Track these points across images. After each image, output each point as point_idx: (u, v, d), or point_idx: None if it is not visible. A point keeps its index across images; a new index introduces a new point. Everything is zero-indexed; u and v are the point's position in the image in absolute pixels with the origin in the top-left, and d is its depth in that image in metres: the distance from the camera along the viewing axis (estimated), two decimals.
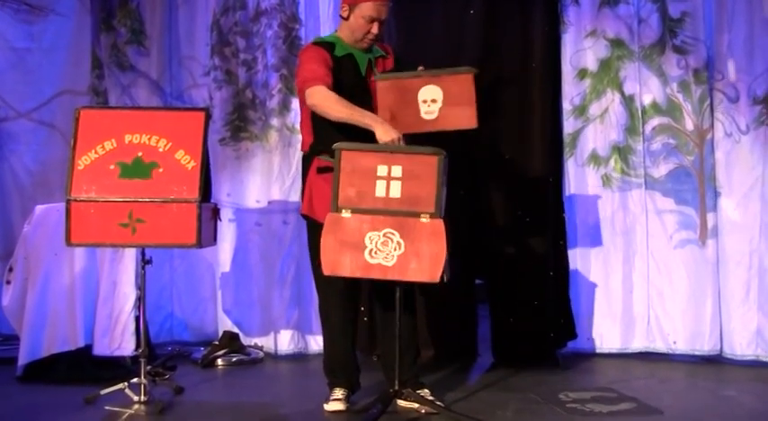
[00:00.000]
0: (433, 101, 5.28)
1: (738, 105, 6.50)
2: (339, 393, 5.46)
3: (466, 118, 5.30)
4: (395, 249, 4.88)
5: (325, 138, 5.20)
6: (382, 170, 4.94)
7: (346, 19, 5.39)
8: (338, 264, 4.94)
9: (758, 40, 6.47)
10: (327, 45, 5.41)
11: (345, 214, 4.93)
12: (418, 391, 5.38)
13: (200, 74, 7.19)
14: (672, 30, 6.61)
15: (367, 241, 4.90)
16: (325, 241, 4.95)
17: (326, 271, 4.99)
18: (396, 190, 4.93)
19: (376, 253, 4.89)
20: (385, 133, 5.05)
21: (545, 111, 6.67)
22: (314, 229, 5.29)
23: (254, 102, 7.01)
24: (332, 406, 5.41)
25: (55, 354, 6.05)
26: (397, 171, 4.94)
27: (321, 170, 5.30)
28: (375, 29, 5.32)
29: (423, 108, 5.28)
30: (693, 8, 6.58)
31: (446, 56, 6.43)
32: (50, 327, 6.02)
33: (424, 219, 4.88)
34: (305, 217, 5.47)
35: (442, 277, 4.90)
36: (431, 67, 5.45)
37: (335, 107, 5.15)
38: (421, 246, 4.86)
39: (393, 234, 4.88)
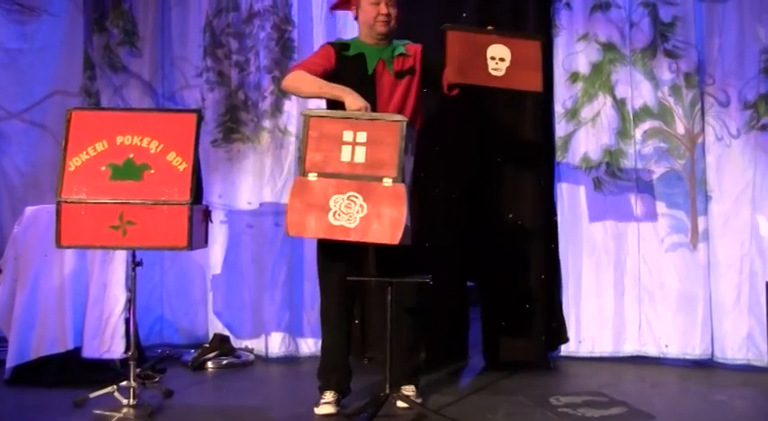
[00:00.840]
0: (501, 59, 5.43)
1: (729, 109, 6.52)
2: (329, 396, 5.47)
3: (532, 81, 5.51)
4: (357, 212, 5.00)
5: None
6: (348, 136, 5.08)
7: (357, 17, 5.56)
8: (303, 225, 5.07)
9: (748, 45, 6.49)
10: (340, 45, 5.57)
11: (312, 178, 5.07)
12: (403, 389, 5.46)
13: (193, 75, 7.19)
14: (663, 34, 6.62)
15: (331, 204, 5.03)
16: (292, 203, 5.09)
17: (291, 231, 5.13)
18: (360, 155, 5.07)
19: (339, 215, 5.02)
20: (353, 101, 5.18)
21: (537, 114, 6.67)
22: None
23: (247, 103, 7.00)
24: (322, 409, 5.43)
25: (44, 357, 6.03)
26: (361, 137, 5.08)
27: None
28: (383, 8, 5.44)
29: (491, 64, 5.43)
30: (684, 12, 6.59)
31: (439, 58, 6.43)
32: (39, 329, 6.00)
33: (387, 183, 5.01)
34: None
35: (400, 242, 4.98)
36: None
37: (305, 84, 5.34)
38: (382, 209, 4.99)
39: (356, 197, 5.01)
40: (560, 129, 6.77)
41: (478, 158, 6.61)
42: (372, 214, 4.99)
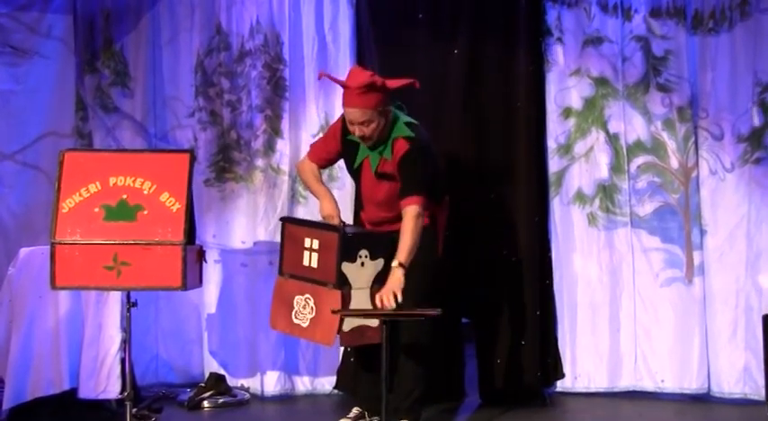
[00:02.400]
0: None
1: (723, 143, 6.53)
2: (352, 412, 5.84)
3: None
4: (309, 313, 5.45)
5: None
6: (308, 242, 5.53)
7: None
8: (276, 321, 5.64)
9: (741, 78, 6.50)
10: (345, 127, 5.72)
11: (285, 277, 5.59)
12: None
13: (185, 115, 7.16)
14: (656, 68, 6.63)
15: (295, 303, 5.50)
16: (273, 300, 5.66)
17: (270, 324, 5.72)
18: (314, 260, 5.50)
19: (299, 314, 5.48)
20: (323, 207, 5.73)
21: (530, 150, 6.69)
22: None
23: (239, 142, 6.99)
24: None
25: (40, 398, 5.99)
26: (315, 244, 5.51)
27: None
28: (356, 131, 5.53)
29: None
30: (677, 46, 6.60)
31: (430, 95, 6.45)
32: (35, 371, 5.96)
33: (329, 287, 5.36)
34: None
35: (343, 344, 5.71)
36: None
37: (303, 180, 6.06)
38: (324, 312, 5.35)
39: (309, 299, 5.45)
40: (554, 164, 6.77)
41: (472, 195, 6.61)
42: (318, 316, 5.40)
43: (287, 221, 5.73)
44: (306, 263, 5.51)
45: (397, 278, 5.31)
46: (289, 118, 6.92)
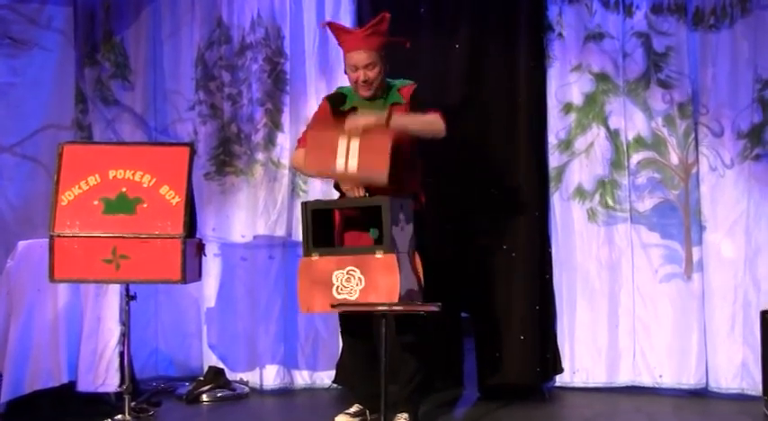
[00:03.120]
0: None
1: (723, 139, 6.53)
2: (353, 408, 5.83)
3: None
4: (357, 284, 5.32)
5: None
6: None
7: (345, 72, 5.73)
8: (312, 302, 5.40)
9: (742, 74, 6.49)
10: (338, 96, 5.79)
11: (315, 257, 5.41)
12: (397, 417, 5.64)
13: (185, 108, 7.17)
14: (656, 64, 6.63)
15: (334, 279, 5.35)
16: (300, 283, 5.44)
17: (303, 309, 5.47)
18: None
19: (341, 289, 5.34)
20: (344, 183, 5.58)
21: (530, 145, 6.68)
22: None
23: (240, 136, 7.00)
24: (339, 418, 5.76)
25: (38, 391, 5.99)
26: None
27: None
28: (361, 75, 5.57)
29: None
30: (678, 43, 6.59)
31: (431, 90, 6.44)
32: (33, 364, 5.96)
33: (378, 256, 5.30)
34: None
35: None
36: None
37: (304, 165, 5.59)
38: (378, 279, 5.28)
39: (354, 271, 5.33)
40: (554, 160, 6.77)
41: (472, 190, 6.61)
42: (369, 285, 5.29)
43: (312, 207, 5.54)
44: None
45: (375, 116, 5.41)
46: (289, 111, 6.92)
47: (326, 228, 5.60)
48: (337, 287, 5.34)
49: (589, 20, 6.70)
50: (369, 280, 5.30)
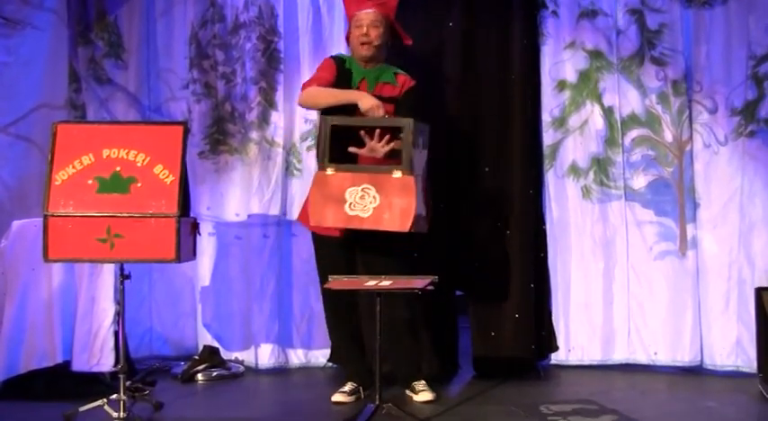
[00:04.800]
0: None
1: (717, 116, 6.53)
2: (347, 386, 5.90)
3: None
4: (371, 202, 5.39)
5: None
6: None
7: (348, 38, 5.99)
8: (323, 215, 5.48)
9: (735, 51, 6.50)
10: (340, 59, 5.96)
11: (329, 171, 5.45)
12: (414, 385, 5.86)
13: (179, 87, 7.16)
14: (650, 41, 6.63)
15: (347, 195, 5.41)
16: (312, 196, 5.52)
17: (313, 222, 5.55)
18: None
19: (354, 206, 5.40)
20: (366, 102, 5.58)
21: (524, 123, 6.68)
22: (315, 242, 5.95)
23: (234, 115, 6.99)
24: (335, 397, 5.84)
25: (33, 371, 5.99)
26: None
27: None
28: (364, 29, 5.79)
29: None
30: (671, 20, 6.59)
31: (425, 69, 6.42)
32: (28, 344, 5.96)
33: (396, 175, 5.38)
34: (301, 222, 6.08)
35: (411, 229, 5.38)
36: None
37: (321, 97, 5.74)
38: (393, 200, 5.36)
39: (369, 189, 5.40)
40: (548, 137, 6.77)
41: (467, 167, 6.61)
42: (384, 204, 5.37)
43: (332, 123, 5.53)
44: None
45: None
46: (283, 90, 6.91)
47: (344, 146, 5.55)
48: (350, 203, 5.40)
49: None
50: (384, 198, 5.37)
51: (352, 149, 5.57)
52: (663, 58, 6.60)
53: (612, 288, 6.73)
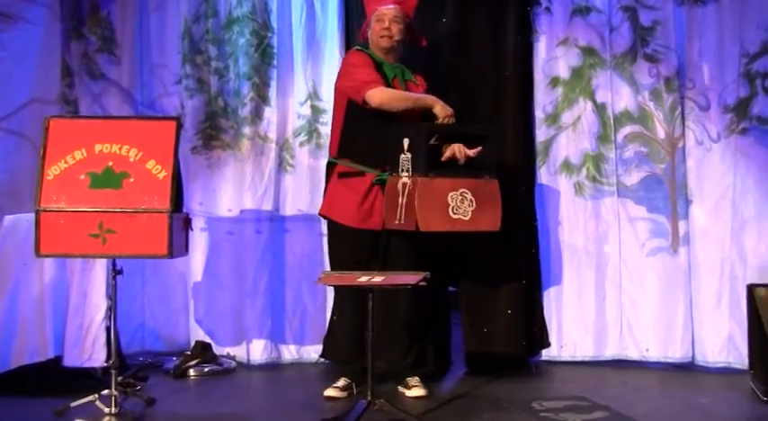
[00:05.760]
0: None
1: (709, 113, 6.54)
2: (340, 382, 5.92)
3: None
4: (469, 205, 5.67)
5: (352, 145, 5.88)
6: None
7: (368, 37, 6.06)
8: (430, 220, 5.62)
9: (728, 49, 6.51)
10: (368, 54, 6.02)
11: (432, 177, 5.64)
12: (408, 380, 5.92)
13: (172, 82, 7.15)
14: (643, 38, 6.64)
15: (449, 200, 5.63)
16: (420, 202, 5.59)
17: (422, 227, 5.61)
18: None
19: (456, 209, 5.65)
20: (443, 108, 5.85)
21: (517, 119, 6.69)
22: (332, 229, 6.03)
23: (226, 110, 6.98)
24: (328, 391, 5.88)
25: (24, 366, 5.98)
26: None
27: (342, 175, 5.90)
28: (386, 23, 5.94)
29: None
30: (664, 17, 6.60)
31: (419, 64, 6.42)
32: (20, 339, 5.94)
33: (487, 180, 5.75)
34: (324, 217, 6.11)
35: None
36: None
37: (400, 99, 5.84)
38: (486, 202, 5.71)
39: (467, 193, 5.68)
40: (541, 134, 6.78)
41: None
42: (480, 207, 5.70)
43: (426, 129, 5.74)
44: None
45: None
46: (276, 86, 6.91)
47: (435, 153, 5.77)
48: (452, 207, 5.63)
49: None
50: (479, 202, 5.69)
51: (446, 157, 5.83)
52: (656, 54, 6.62)
53: (605, 284, 6.75)
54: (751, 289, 6.05)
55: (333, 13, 6.90)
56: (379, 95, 5.77)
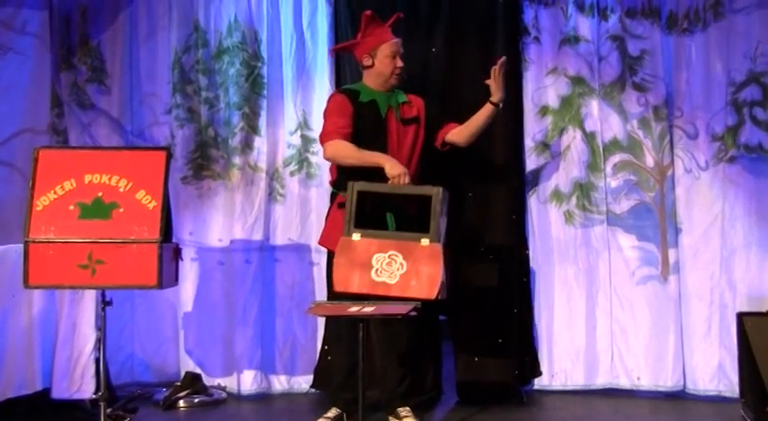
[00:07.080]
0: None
1: (697, 142, 6.57)
2: (331, 412, 5.92)
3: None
4: (398, 269, 5.38)
5: (347, 178, 5.68)
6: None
7: (371, 66, 6.01)
8: (348, 281, 5.42)
9: (715, 78, 6.54)
10: (352, 92, 6.01)
11: (355, 237, 5.45)
12: (399, 410, 5.89)
13: (162, 112, 7.13)
14: (631, 67, 6.66)
15: (374, 262, 5.40)
16: (338, 261, 5.46)
17: (338, 287, 5.46)
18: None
19: (381, 272, 5.39)
20: (392, 167, 5.64)
21: (507, 147, 6.70)
22: (331, 258, 5.81)
23: (217, 140, 6.98)
24: None
25: (12, 399, 5.93)
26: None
27: (341, 205, 5.74)
28: (399, 62, 5.98)
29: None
30: (652, 46, 6.64)
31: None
32: (7, 371, 5.89)
33: (424, 243, 5.39)
34: (323, 246, 6.08)
35: (437, 297, 5.38)
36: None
37: (347, 156, 5.79)
38: (420, 267, 5.36)
39: (396, 255, 5.39)
40: (531, 162, 6.79)
41: (450, 192, 6.60)
42: (411, 272, 5.36)
43: (358, 190, 5.55)
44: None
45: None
46: (266, 115, 6.91)
47: (371, 211, 5.62)
48: (377, 269, 5.39)
49: (564, 24, 6.75)
50: (411, 266, 5.37)
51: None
52: (644, 83, 6.64)
53: (595, 313, 6.74)
54: (741, 317, 6.05)
55: (323, 42, 6.92)
56: (331, 149, 5.83)
